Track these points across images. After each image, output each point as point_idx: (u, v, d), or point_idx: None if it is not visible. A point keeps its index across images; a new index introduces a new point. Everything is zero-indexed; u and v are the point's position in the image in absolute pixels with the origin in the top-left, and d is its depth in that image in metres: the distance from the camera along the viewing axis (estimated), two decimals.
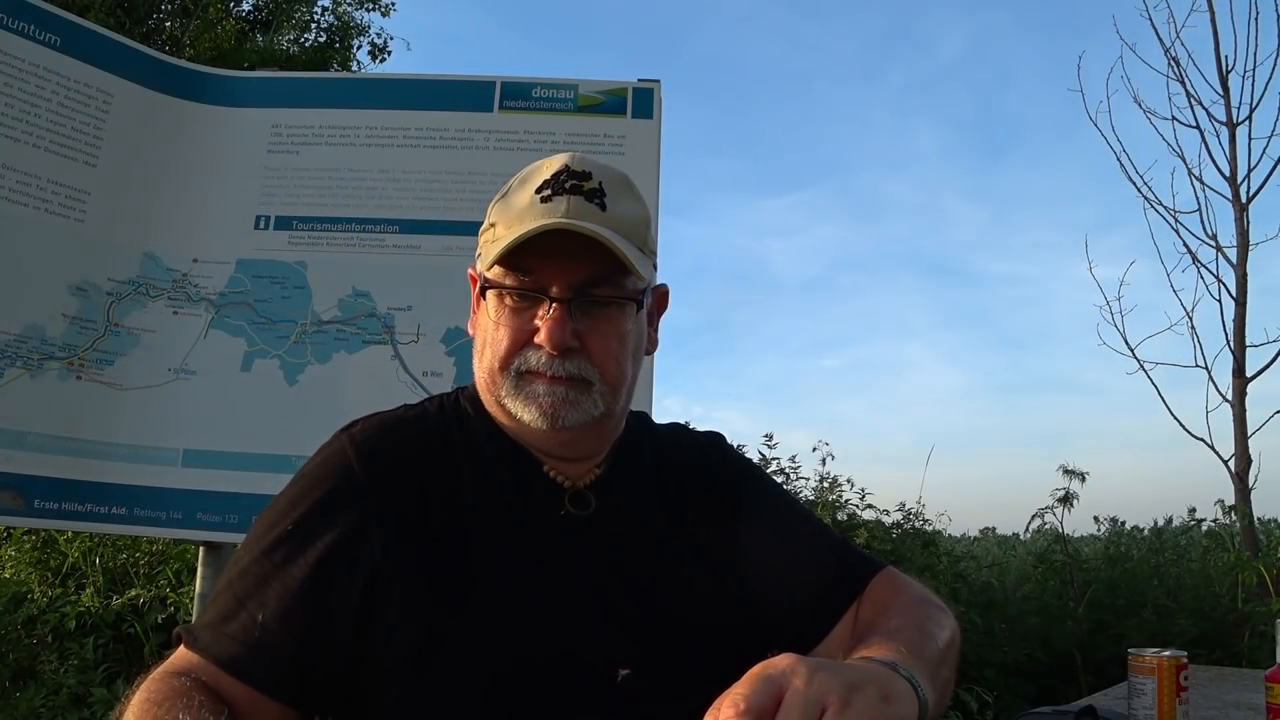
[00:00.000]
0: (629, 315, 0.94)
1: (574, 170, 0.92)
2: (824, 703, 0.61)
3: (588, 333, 0.91)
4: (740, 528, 1.03)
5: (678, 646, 0.92)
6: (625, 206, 0.93)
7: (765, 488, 1.12)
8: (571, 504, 0.96)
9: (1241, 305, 4.54)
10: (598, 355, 0.91)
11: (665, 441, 1.10)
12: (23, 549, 3.85)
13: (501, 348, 0.92)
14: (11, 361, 2.07)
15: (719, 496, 1.06)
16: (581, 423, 0.92)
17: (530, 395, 0.91)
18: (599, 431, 0.97)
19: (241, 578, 0.86)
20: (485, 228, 0.96)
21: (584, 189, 0.91)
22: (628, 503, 0.99)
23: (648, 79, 2.46)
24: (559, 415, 0.90)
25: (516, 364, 0.91)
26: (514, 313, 0.91)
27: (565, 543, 0.93)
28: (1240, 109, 4.66)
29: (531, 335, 0.90)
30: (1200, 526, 5.28)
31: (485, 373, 0.95)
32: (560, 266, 0.89)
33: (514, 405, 0.92)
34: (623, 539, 0.96)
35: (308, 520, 0.88)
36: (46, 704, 3.24)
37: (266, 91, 2.50)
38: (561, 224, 0.86)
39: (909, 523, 4.48)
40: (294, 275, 2.31)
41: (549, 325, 0.88)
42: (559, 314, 0.89)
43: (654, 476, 1.04)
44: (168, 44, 7.63)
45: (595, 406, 0.92)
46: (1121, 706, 1.49)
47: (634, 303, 0.94)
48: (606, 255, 0.88)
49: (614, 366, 0.93)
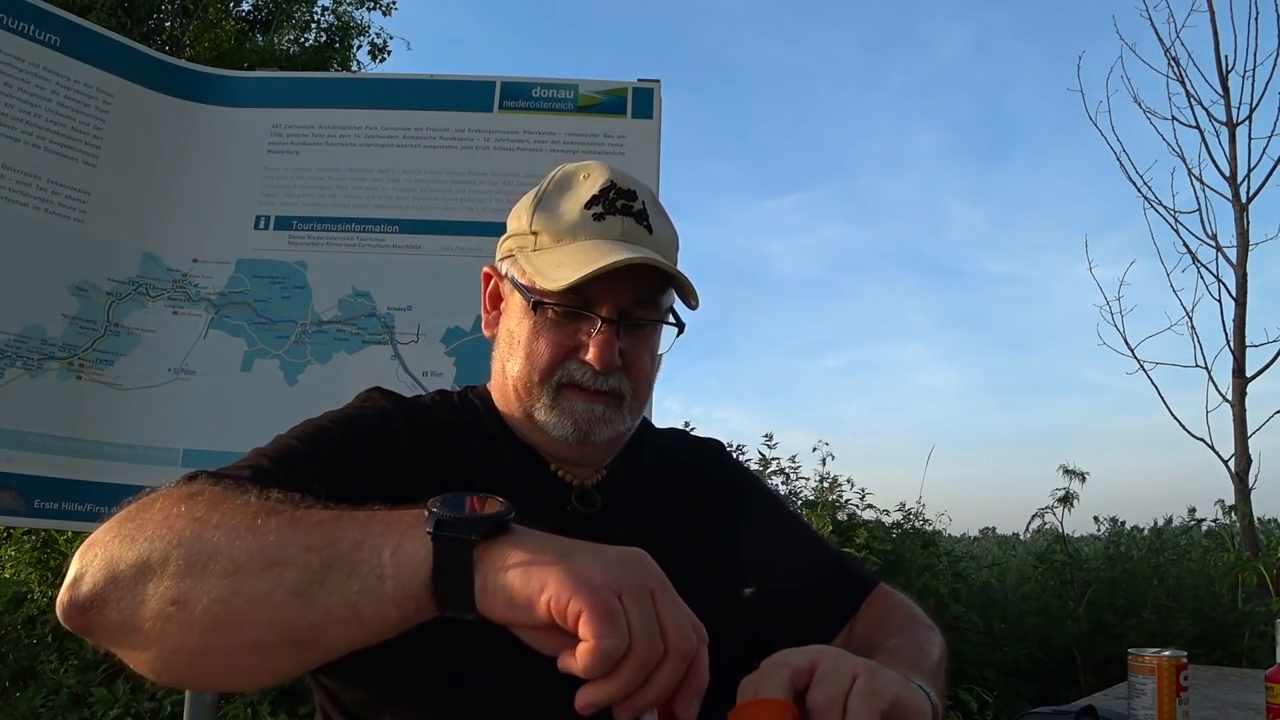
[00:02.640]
0: (660, 334, 0.98)
1: (620, 188, 0.94)
2: (854, 673, 0.66)
3: (628, 351, 0.94)
4: (741, 532, 1.05)
5: None
6: (663, 226, 0.97)
7: (765, 495, 1.16)
8: (578, 502, 0.98)
9: (1241, 305, 4.54)
10: (634, 372, 0.95)
11: (666, 445, 1.13)
12: (23, 549, 3.85)
13: (544, 360, 0.93)
14: (11, 361, 2.07)
15: (719, 500, 1.08)
16: (608, 439, 0.95)
17: (567, 410, 0.93)
18: (616, 444, 1.00)
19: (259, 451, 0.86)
20: (523, 232, 0.97)
21: (633, 210, 0.94)
22: (632, 502, 1.01)
23: (648, 79, 2.46)
24: (592, 431, 0.93)
25: (558, 376, 0.93)
26: (556, 326, 0.93)
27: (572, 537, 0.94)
28: (1240, 109, 4.68)
29: (574, 349, 0.93)
30: (1200, 526, 5.29)
31: (520, 380, 0.95)
32: (612, 289, 0.91)
33: (547, 416, 0.94)
34: (628, 537, 0.97)
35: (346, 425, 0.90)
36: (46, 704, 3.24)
37: (266, 91, 2.50)
38: (638, 259, 0.88)
39: (909, 523, 4.49)
40: (294, 275, 2.31)
41: (599, 345, 0.91)
42: (609, 334, 0.91)
43: (656, 478, 1.06)
44: (168, 44, 7.63)
45: (623, 422, 0.96)
46: (1121, 706, 1.49)
47: (664, 322, 0.98)
48: (651, 278, 0.92)
49: (645, 383, 0.97)
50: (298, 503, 0.68)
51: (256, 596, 0.62)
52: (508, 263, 0.99)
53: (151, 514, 0.68)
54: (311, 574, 0.62)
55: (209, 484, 0.72)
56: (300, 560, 0.62)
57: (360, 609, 0.61)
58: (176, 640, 0.64)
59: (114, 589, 0.65)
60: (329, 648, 0.64)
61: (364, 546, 0.62)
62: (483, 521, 0.62)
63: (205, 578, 0.63)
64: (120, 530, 0.68)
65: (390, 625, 0.62)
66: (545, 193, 0.98)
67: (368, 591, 0.61)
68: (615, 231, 0.92)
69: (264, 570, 0.62)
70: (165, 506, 0.68)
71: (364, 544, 0.62)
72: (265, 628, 0.62)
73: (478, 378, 1.09)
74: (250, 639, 0.63)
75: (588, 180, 0.96)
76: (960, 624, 3.86)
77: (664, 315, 0.97)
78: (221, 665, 0.65)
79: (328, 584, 0.62)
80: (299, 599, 0.62)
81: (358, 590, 0.61)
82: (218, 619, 0.62)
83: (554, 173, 1.00)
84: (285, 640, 0.63)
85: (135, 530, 0.67)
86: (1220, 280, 4.64)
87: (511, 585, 0.60)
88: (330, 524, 0.64)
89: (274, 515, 0.65)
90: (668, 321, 0.97)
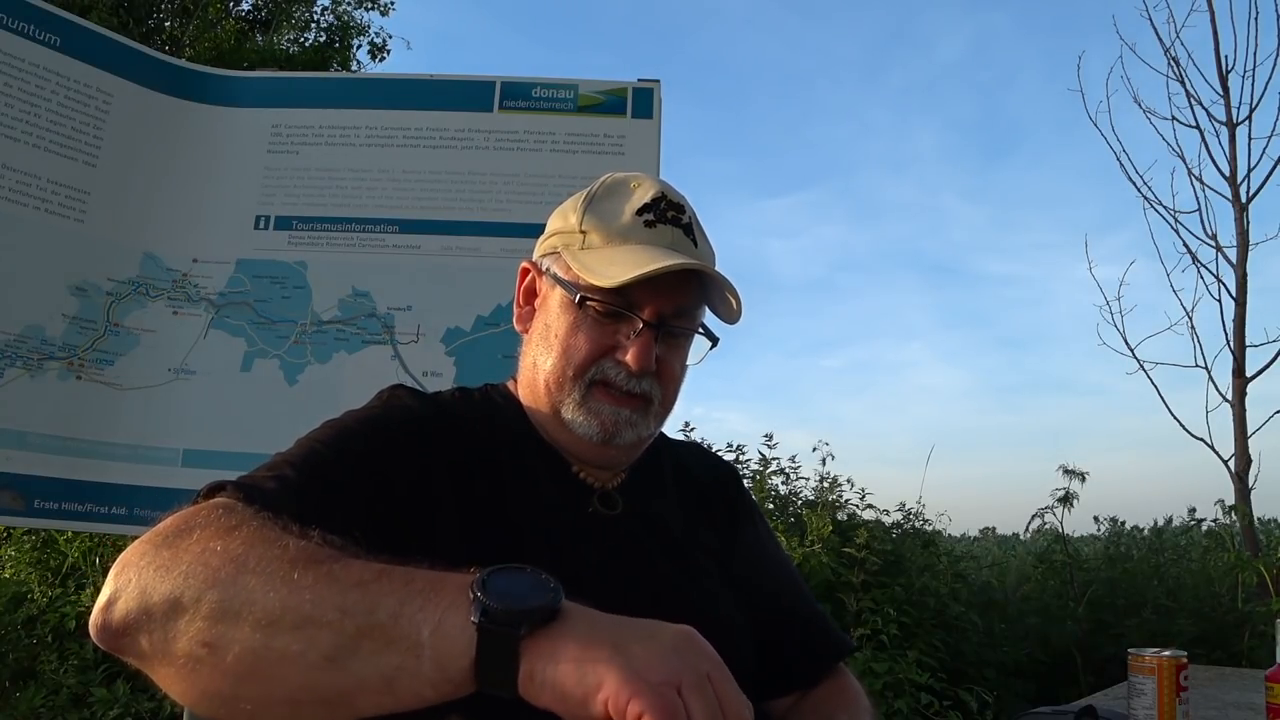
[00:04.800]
0: (691, 345, 1.00)
1: (671, 200, 0.97)
2: None
3: (663, 358, 0.96)
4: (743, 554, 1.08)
5: None
6: (705, 243, 1.00)
7: (769, 531, 1.18)
8: (600, 504, 0.99)
9: (1241, 305, 4.54)
10: (665, 379, 0.97)
11: (686, 456, 1.15)
12: (23, 549, 3.85)
13: (581, 355, 0.94)
14: (11, 361, 2.07)
15: (734, 521, 1.10)
16: (632, 443, 0.96)
17: (594, 410, 0.94)
18: (638, 449, 1.01)
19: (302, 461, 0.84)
20: (571, 230, 0.98)
21: (681, 222, 0.97)
22: (651, 507, 1.03)
23: (648, 79, 2.46)
24: (617, 434, 0.94)
25: (592, 373, 0.94)
26: (597, 324, 0.95)
27: (595, 538, 0.96)
28: (1240, 109, 4.67)
29: (611, 349, 0.94)
30: (1200, 526, 5.28)
31: (553, 374, 0.96)
32: (656, 294, 0.93)
33: (574, 414, 0.95)
34: (648, 538, 0.99)
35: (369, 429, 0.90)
36: (46, 704, 3.24)
37: (266, 91, 2.50)
38: (694, 265, 0.90)
39: (909, 523, 4.49)
40: (294, 275, 2.31)
41: (638, 348, 0.92)
42: (649, 338, 0.93)
43: (674, 485, 1.08)
44: (168, 44, 7.64)
45: (648, 428, 0.97)
46: (1121, 706, 1.49)
47: (700, 333, 1.00)
48: (691, 289, 0.95)
49: (674, 391, 0.99)
50: (338, 552, 0.66)
51: (288, 655, 0.61)
52: (550, 259, 0.99)
53: (188, 544, 0.67)
54: (346, 640, 0.60)
55: (246, 512, 0.71)
56: (335, 624, 0.60)
57: (395, 684, 0.60)
58: (207, 683, 0.63)
59: (146, 620, 0.64)
60: (361, 711, 0.63)
61: (402, 619, 0.60)
62: (532, 613, 0.59)
63: (238, 625, 0.62)
64: (156, 558, 0.67)
65: (425, 701, 0.61)
66: (595, 195, 0.99)
67: (405, 668, 0.60)
68: (665, 240, 0.94)
69: (297, 629, 0.61)
70: (203, 540, 0.67)
71: (402, 616, 0.60)
72: (296, 686, 0.62)
73: (478, 378, 1.09)
74: (281, 694, 0.63)
75: (639, 189, 0.98)
76: (960, 624, 3.86)
77: (698, 327, 0.99)
78: (252, 713, 0.64)
79: (362, 652, 0.60)
80: (331, 664, 0.60)
81: (395, 665, 0.60)
82: (250, 670, 0.62)
83: (604, 178, 1.02)
84: (316, 700, 0.62)
85: (170, 560, 0.66)
86: (1220, 280, 4.63)
87: (564, 680, 0.57)
88: (370, 586, 0.62)
89: (312, 567, 0.63)
90: (703, 333, 0.99)
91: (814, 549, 3.67)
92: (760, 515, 1.18)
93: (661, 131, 2.42)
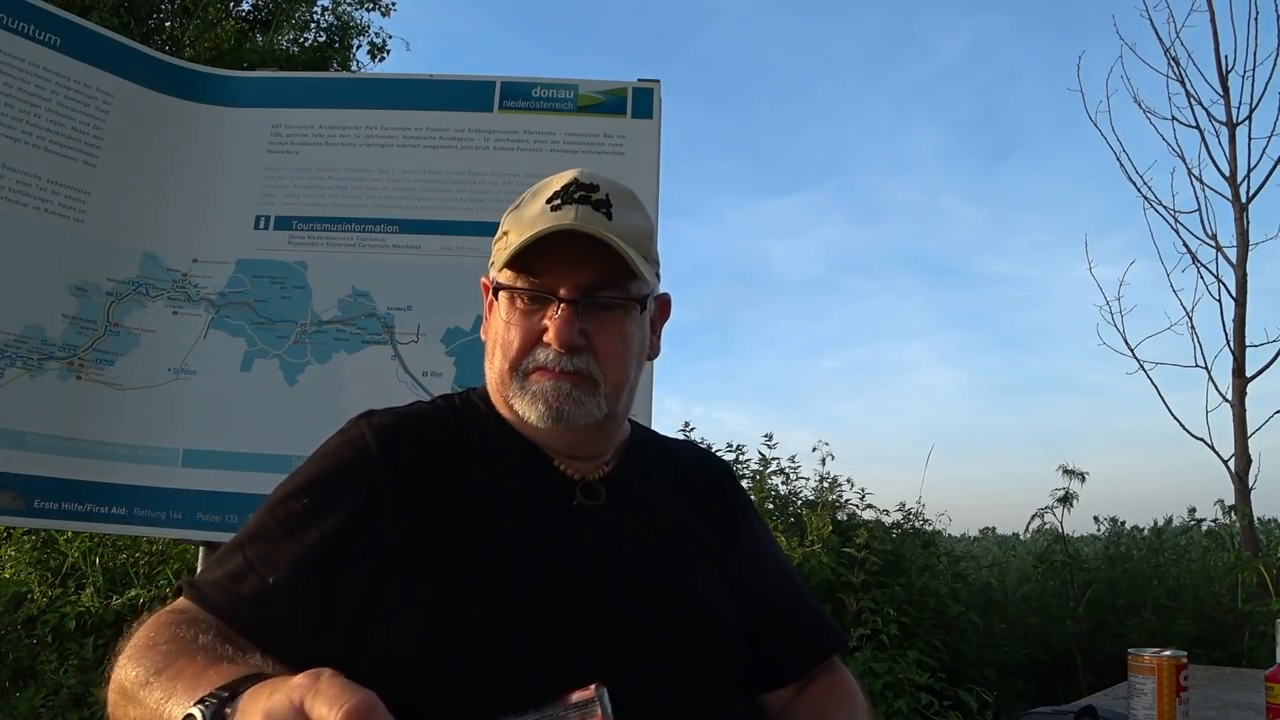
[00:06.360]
0: (632, 318, 0.98)
1: (583, 183, 0.97)
2: None
3: (594, 333, 0.95)
4: (740, 551, 1.07)
5: (687, 631, 0.95)
6: (630, 217, 0.98)
7: (766, 527, 1.18)
8: (583, 495, 0.99)
9: (1241, 305, 4.54)
10: (603, 355, 0.96)
11: (679, 451, 1.15)
12: (23, 549, 3.84)
13: (513, 348, 0.96)
14: (11, 361, 2.07)
15: (730, 518, 1.10)
16: (586, 423, 0.96)
17: (537, 393, 0.95)
18: (604, 432, 1.01)
19: (253, 541, 0.88)
20: (499, 236, 1.00)
21: (591, 199, 0.96)
22: (637, 497, 1.02)
23: (648, 79, 2.46)
24: (564, 412, 0.94)
25: (526, 363, 0.95)
26: (524, 314, 0.96)
27: (577, 530, 0.96)
28: (1240, 109, 4.67)
29: (541, 335, 0.95)
30: (1200, 526, 5.28)
31: (496, 373, 0.99)
32: (568, 269, 0.94)
33: (521, 404, 0.96)
34: (633, 529, 0.99)
35: (323, 492, 0.91)
36: (46, 704, 3.24)
37: (266, 91, 2.50)
38: (568, 226, 0.91)
39: (909, 523, 4.49)
40: (294, 275, 2.31)
41: (558, 324, 0.93)
42: (567, 313, 0.93)
43: (663, 477, 1.08)
44: (168, 44, 7.63)
45: (599, 409, 0.96)
46: (1121, 706, 1.50)
47: (637, 306, 0.98)
48: (612, 260, 0.93)
49: (618, 366, 0.97)
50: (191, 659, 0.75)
51: None
52: (491, 269, 1.02)
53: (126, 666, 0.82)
54: None
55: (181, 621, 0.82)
56: None
57: None
58: None
59: None
60: None
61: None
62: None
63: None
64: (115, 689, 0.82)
65: None
66: (521, 201, 1.01)
67: None
68: (569, 218, 0.94)
69: None
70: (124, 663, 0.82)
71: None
72: None
73: (478, 378, 1.09)
74: None
75: (558, 182, 0.99)
76: (960, 624, 3.86)
77: (633, 298, 0.97)
78: None
79: None
80: None
81: None
82: None
83: (538, 183, 1.03)
84: None
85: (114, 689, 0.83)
86: (1220, 280, 4.63)
87: None
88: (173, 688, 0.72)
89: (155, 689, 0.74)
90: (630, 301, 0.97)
91: (814, 549, 3.67)
92: (755, 511, 1.18)
93: (661, 131, 2.42)
